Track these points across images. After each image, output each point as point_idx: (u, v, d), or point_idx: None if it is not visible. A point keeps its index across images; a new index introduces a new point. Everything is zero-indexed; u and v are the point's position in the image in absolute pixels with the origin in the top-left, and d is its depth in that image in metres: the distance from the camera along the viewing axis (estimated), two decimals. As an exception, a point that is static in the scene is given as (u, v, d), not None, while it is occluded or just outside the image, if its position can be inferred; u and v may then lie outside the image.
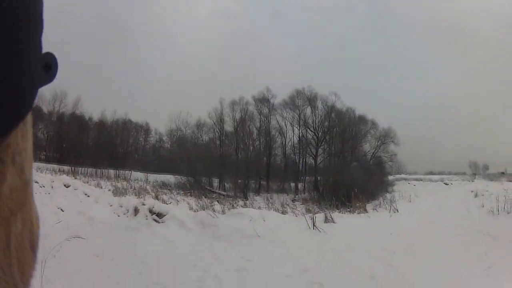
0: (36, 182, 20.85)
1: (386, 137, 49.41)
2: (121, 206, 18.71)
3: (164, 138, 61.86)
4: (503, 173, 44.65)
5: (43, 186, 19.42)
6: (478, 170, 46.86)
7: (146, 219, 15.56)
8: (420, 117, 75.22)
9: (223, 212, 21.16)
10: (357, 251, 11.64)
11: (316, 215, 16.44)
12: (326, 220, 16.55)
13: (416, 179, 44.04)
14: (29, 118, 0.52)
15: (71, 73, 72.57)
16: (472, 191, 26.10)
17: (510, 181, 33.49)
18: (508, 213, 16.09)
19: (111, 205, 19.28)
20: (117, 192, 27.55)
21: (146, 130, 62.42)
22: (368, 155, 49.58)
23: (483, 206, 18.79)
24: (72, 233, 12.03)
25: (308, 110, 53.00)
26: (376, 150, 49.41)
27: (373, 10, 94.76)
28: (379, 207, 24.59)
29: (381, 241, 12.80)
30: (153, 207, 15.88)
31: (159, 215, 15.12)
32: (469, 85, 79.46)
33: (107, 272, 8.76)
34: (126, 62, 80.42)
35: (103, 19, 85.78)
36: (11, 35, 0.44)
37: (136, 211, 16.98)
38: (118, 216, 17.99)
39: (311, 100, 52.68)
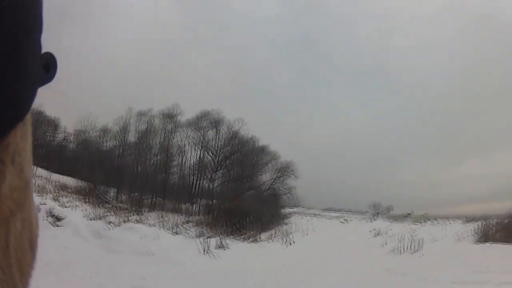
0: None
1: (286, 169, 50.93)
2: None
3: (71, 137, 59.91)
4: (409, 214, 46.47)
5: None
6: (381, 210, 48.55)
7: (43, 220, 14.81)
8: (323, 156, 77.64)
9: (119, 224, 20.59)
10: (249, 279, 11.73)
11: (210, 239, 16.47)
12: (220, 245, 16.64)
13: (314, 214, 45.82)
14: (28, 118, 0.53)
15: None
16: (372, 230, 26.46)
17: (416, 222, 34.51)
18: (412, 252, 16.52)
19: None
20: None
21: (55, 126, 59.86)
22: (266, 184, 51.12)
23: (384, 245, 19.09)
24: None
25: (212, 133, 54.00)
26: (275, 181, 51.01)
27: (295, 41, 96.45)
28: (274, 237, 24.82)
29: (274, 273, 12.97)
30: (53, 209, 15.17)
31: (58, 218, 14.49)
32: (379, 125, 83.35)
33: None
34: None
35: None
36: (10, 35, 0.43)
37: None
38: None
39: (217, 123, 53.67)
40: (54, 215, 15.22)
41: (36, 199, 19.50)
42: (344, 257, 16.72)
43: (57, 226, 14.65)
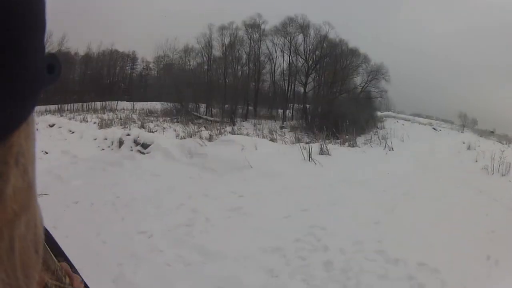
0: None
1: (377, 72, 47.67)
2: (106, 139, 18.09)
3: (151, 65, 59.65)
4: (492, 132, 43.76)
5: None
6: (467, 123, 45.95)
7: (131, 150, 14.90)
8: (414, 58, 73.70)
9: (211, 139, 20.52)
10: (356, 189, 11.02)
11: (310, 144, 15.77)
12: (322, 151, 15.87)
13: (405, 119, 43.27)
14: (32, 119, 0.52)
15: (54, 11, 69.38)
16: (464, 143, 25.33)
17: (499, 141, 32.52)
18: (502, 175, 15.32)
19: (95, 139, 18.65)
20: (103, 124, 26.67)
21: (132, 59, 59.79)
22: (358, 88, 48.24)
23: (476, 161, 18.07)
24: (54, 177, 11.27)
25: (300, 38, 50.95)
26: (367, 84, 47.99)
27: None
28: (371, 142, 23.90)
29: (380, 181, 12.15)
30: (137, 137, 15.15)
31: (144, 145, 14.43)
32: (467, 40, 77.17)
33: (86, 221, 7.98)
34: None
35: None
36: (14, 36, 0.44)
37: (120, 143, 16.34)
38: (103, 149, 17.34)
39: (304, 28, 50.51)
40: (140, 143, 15.04)
41: (120, 131, 19.65)
42: (442, 170, 15.48)
43: (145, 153, 14.43)
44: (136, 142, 15.21)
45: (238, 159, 12.75)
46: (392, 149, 19.93)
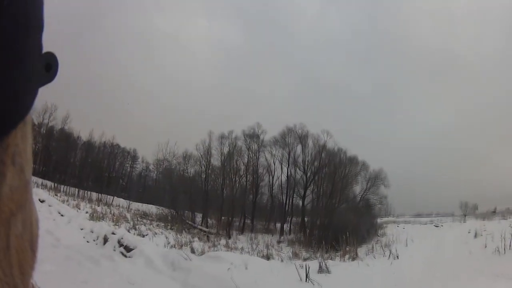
0: None
1: (376, 179, 48.25)
2: (92, 232, 17.41)
3: (151, 167, 60.07)
4: (494, 212, 43.49)
5: None
6: (468, 211, 45.78)
7: (114, 250, 14.13)
8: (409, 158, 75.08)
9: (202, 252, 19.78)
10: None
11: (307, 262, 14.96)
12: (320, 269, 14.85)
13: (405, 222, 43.17)
14: (29, 118, 0.54)
15: (63, 87, 71.49)
16: (469, 232, 24.76)
17: (504, 218, 32.34)
18: None
19: (82, 229, 18.00)
20: (94, 216, 25.96)
21: (133, 156, 60.66)
22: (357, 197, 48.32)
23: (486, 247, 17.40)
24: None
25: (298, 149, 51.51)
26: (366, 192, 48.19)
27: (371, 48, 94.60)
28: (373, 252, 23.10)
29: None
30: (121, 238, 14.46)
31: (127, 248, 13.67)
32: (458, 125, 79.67)
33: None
34: (116, 86, 79.56)
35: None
36: (11, 34, 0.44)
37: (105, 240, 15.62)
38: (88, 242, 16.57)
39: (302, 138, 51.34)
40: (123, 245, 14.25)
41: (108, 227, 19.12)
42: (454, 268, 14.76)
43: (127, 257, 13.57)
44: (119, 243, 14.47)
45: (224, 279, 11.80)
46: (397, 257, 19.14)
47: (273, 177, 52.49)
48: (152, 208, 45.13)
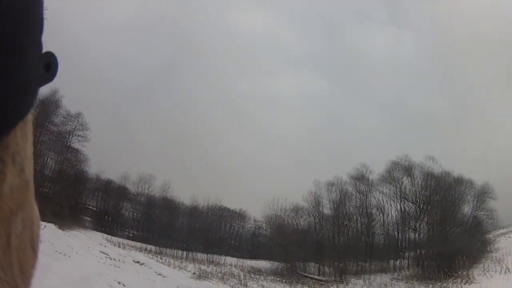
0: (104, 253, 20.64)
1: (483, 194, 45.37)
2: None
3: (263, 224, 60.48)
4: None
5: (113, 259, 19.04)
6: None
7: None
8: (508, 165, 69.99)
9: None
10: None
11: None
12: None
13: None
14: (29, 117, 0.53)
15: (156, 158, 75.42)
16: None
17: None
18: None
19: (178, 287, 18.31)
20: (200, 275, 26.32)
21: (242, 216, 61.84)
22: (467, 216, 45.33)
23: None
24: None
25: (406, 181, 49.93)
26: (475, 210, 45.27)
27: (446, 68, 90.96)
28: (488, 270, 21.44)
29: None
30: None
31: None
32: None
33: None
34: (211, 148, 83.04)
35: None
36: (11, 34, 0.45)
37: None
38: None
39: (408, 169, 49.88)
40: None
41: (206, 283, 19.29)
42: None
43: None
44: None
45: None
46: (509, 270, 17.63)
47: (384, 216, 51.22)
48: (264, 264, 45.44)
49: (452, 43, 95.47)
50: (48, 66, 0.53)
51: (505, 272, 18.05)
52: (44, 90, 45.83)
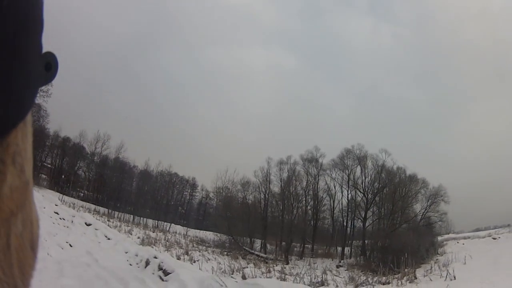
0: (56, 213, 20.54)
1: (436, 195, 46.42)
2: (136, 255, 17.71)
3: (211, 195, 60.53)
4: None
5: (63, 219, 18.94)
6: None
7: (153, 273, 14.35)
8: (469, 171, 72.61)
9: (253, 275, 19.75)
10: None
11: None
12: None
13: (465, 237, 41.06)
14: (29, 118, 0.53)
15: (115, 118, 74.62)
16: None
17: None
18: None
19: (126, 252, 18.35)
20: (145, 242, 26.49)
21: (192, 185, 61.87)
22: (418, 215, 46.76)
23: None
24: (59, 273, 10.79)
25: (358, 170, 50.74)
26: (426, 210, 46.55)
27: (425, 66, 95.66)
28: (431, 272, 22.17)
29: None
30: (161, 262, 14.71)
31: (165, 272, 13.88)
32: None
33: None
34: (170, 113, 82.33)
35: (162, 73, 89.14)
36: (11, 34, 0.45)
37: (147, 263, 15.82)
38: (130, 265, 16.87)
39: (361, 159, 50.58)
40: (162, 269, 14.47)
41: (153, 252, 19.37)
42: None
43: (164, 281, 13.72)
44: (159, 267, 14.75)
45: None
46: (454, 277, 18.30)
47: (333, 201, 51.82)
48: (210, 235, 45.92)
49: (433, 41, 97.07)
50: (49, 66, 0.53)
51: (449, 279, 18.81)
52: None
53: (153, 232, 36.70)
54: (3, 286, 0.48)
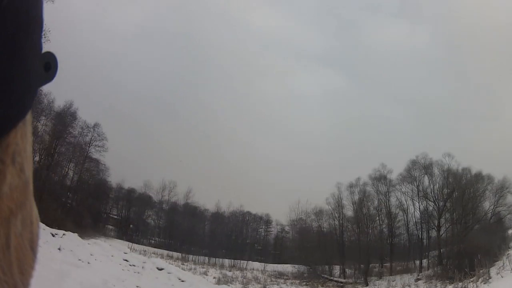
0: (126, 260, 20.89)
1: (502, 189, 44.83)
2: None
3: (286, 228, 61.18)
4: None
5: (133, 265, 19.25)
6: None
7: None
8: None
9: None
10: None
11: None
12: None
13: None
14: (28, 117, 0.53)
15: (179, 165, 76.06)
16: None
17: None
18: None
19: None
20: (222, 281, 26.64)
21: (266, 221, 62.32)
22: (488, 213, 44.96)
23: None
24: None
25: (426, 179, 49.82)
26: (495, 206, 44.84)
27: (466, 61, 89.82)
28: (503, 269, 21.12)
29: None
30: None
31: None
32: None
33: None
34: (233, 155, 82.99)
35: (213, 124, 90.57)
36: (11, 34, 0.45)
37: None
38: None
39: (427, 167, 49.73)
40: None
41: None
42: None
43: None
44: None
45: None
46: None
47: (406, 215, 51.00)
48: (288, 268, 45.72)
49: (467, 33, 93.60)
50: (48, 66, 0.52)
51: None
52: (59, 103, 46.96)
53: (230, 271, 36.99)
54: (3, 286, 0.48)
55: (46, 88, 43.11)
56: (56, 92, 44.87)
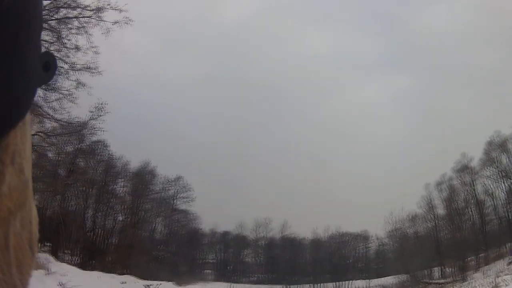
0: None
1: None
2: None
3: (385, 240, 61.89)
4: None
5: None
6: None
7: None
8: None
9: None
10: None
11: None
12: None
13: None
14: (28, 118, 0.53)
15: (273, 201, 77.26)
16: None
17: None
18: None
19: None
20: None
21: (364, 237, 63.24)
22: None
23: None
24: None
25: (504, 158, 49.07)
26: None
27: None
28: None
29: None
30: None
31: None
32: None
33: None
34: (319, 178, 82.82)
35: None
36: (10, 34, 0.44)
37: None
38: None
39: (503, 145, 48.72)
40: None
41: None
42: None
43: None
44: None
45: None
46: None
47: (493, 199, 50.69)
48: (390, 279, 48.18)
49: None
50: (47, 66, 0.54)
51: None
52: (135, 163, 49.64)
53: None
54: (2, 285, 0.49)
55: (118, 152, 46.28)
56: (132, 154, 47.64)
